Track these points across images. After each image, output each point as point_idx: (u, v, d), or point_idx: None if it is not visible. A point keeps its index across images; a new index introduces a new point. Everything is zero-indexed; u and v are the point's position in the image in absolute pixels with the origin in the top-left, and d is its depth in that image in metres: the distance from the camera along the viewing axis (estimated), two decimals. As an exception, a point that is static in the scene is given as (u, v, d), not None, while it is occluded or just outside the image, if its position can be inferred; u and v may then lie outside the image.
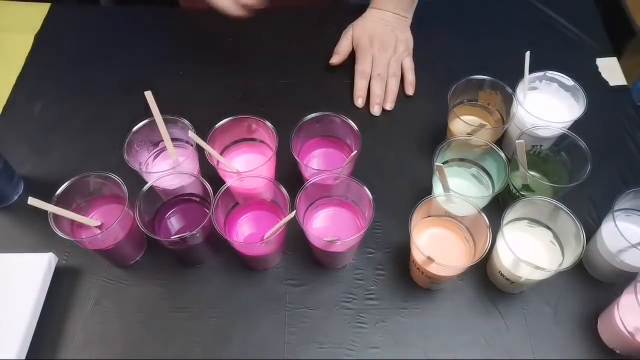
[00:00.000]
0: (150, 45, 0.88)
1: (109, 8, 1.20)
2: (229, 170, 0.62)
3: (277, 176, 0.66)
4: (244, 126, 0.66)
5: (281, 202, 0.60)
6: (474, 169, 0.67)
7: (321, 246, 0.60)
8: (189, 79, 0.83)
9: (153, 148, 0.68)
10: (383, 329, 0.61)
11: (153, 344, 0.60)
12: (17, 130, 0.77)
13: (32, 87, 0.82)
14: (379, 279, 0.64)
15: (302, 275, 0.65)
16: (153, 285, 0.64)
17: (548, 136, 0.66)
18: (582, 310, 0.62)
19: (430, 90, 0.80)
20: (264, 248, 0.61)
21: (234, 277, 0.65)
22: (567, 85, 0.69)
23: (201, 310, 0.62)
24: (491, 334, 0.60)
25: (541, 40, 0.86)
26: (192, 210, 0.64)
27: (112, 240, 0.60)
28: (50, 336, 0.60)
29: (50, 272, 0.63)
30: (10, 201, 0.70)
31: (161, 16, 0.94)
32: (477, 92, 0.71)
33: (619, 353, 0.58)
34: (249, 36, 0.87)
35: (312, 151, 0.69)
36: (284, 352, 0.60)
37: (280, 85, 0.82)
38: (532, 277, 0.57)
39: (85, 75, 0.84)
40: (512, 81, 0.68)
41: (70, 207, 0.60)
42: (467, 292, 0.63)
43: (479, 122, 0.71)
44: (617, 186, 0.71)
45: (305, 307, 0.62)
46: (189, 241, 0.59)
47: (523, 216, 0.61)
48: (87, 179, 0.60)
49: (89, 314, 0.62)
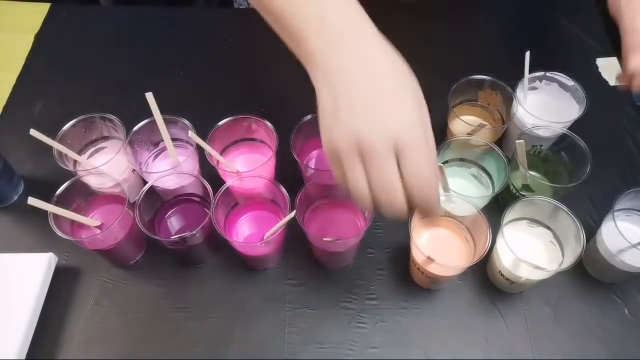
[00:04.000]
0: (150, 45, 0.88)
1: (109, 8, 1.20)
2: (229, 170, 0.62)
3: (277, 176, 0.66)
4: (244, 126, 0.66)
5: (281, 202, 0.60)
6: (474, 169, 0.67)
7: (321, 246, 0.60)
8: (189, 79, 0.83)
9: (153, 148, 0.68)
10: (383, 329, 0.61)
11: (153, 344, 0.60)
12: (17, 130, 0.76)
13: (32, 87, 0.82)
14: (379, 279, 0.64)
15: (302, 275, 0.65)
16: (153, 285, 0.64)
17: (548, 136, 0.66)
18: (582, 310, 0.62)
19: (430, 90, 0.80)
20: (264, 248, 0.61)
21: (234, 277, 0.65)
22: (567, 85, 0.69)
23: (201, 310, 0.62)
24: (491, 334, 0.60)
25: (541, 40, 0.86)
26: (192, 210, 0.64)
27: (112, 240, 0.60)
28: (50, 336, 0.60)
29: (50, 272, 0.63)
30: (10, 201, 0.70)
31: (161, 16, 0.94)
32: (477, 92, 0.71)
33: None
34: (249, 36, 0.87)
35: (312, 151, 0.68)
36: (284, 352, 0.60)
37: (280, 85, 0.82)
38: (532, 277, 0.57)
39: (85, 75, 0.84)
40: (512, 81, 0.68)
41: (70, 207, 0.60)
42: (467, 292, 0.63)
43: (479, 122, 0.71)
44: (617, 186, 0.71)
45: (305, 307, 0.62)
46: (189, 241, 0.59)
47: (523, 216, 0.61)
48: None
49: (89, 314, 0.62)
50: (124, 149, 0.62)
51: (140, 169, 0.64)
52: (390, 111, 0.41)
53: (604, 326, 0.61)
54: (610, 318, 0.61)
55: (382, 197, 0.42)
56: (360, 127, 0.41)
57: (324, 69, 0.44)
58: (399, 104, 0.42)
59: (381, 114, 0.41)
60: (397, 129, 0.40)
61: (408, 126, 0.41)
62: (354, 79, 0.42)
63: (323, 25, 0.44)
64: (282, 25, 0.47)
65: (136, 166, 0.63)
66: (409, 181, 0.41)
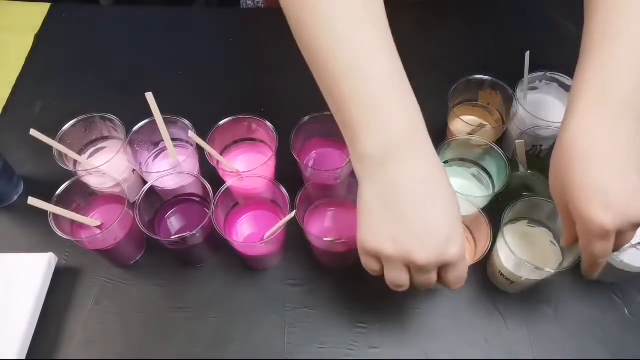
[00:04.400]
0: (150, 45, 0.88)
1: (109, 8, 1.20)
2: (229, 170, 0.62)
3: (277, 176, 0.66)
4: (244, 126, 0.66)
5: (281, 202, 0.60)
6: (474, 169, 0.67)
7: (321, 246, 0.60)
8: (189, 79, 0.83)
9: (153, 148, 0.68)
10: (383, 329, 0.61)
11: (153, 344, 0.60)
12: (17, 130, 0.76)
13: (32, 87, 0.82)
14: (379, 279, 0.64)
15: (302, 275, 0.65)
16: (153, 285, 0.64)
17: (548, 136, 0.66)
18: (582, 310, 0.62)
19: (430, 90, 0.80)
20: (264, 248, 0.61)
21: (234, 277, 0.65)
22: (567, 85, 0.69)
23: (201, 310, 0.62)
24: (491, 334, 0.60)
25: (541, 40, 0.86)
26: (192, 210, 0.64)
27: (112, 240, 0.60)
28: (50, 336, 0.60)
29: (50, 272, 0.63)
30: (10, 201, 0.70)
31: (161, 16, 0.94)
32: (477, 92, 0.71)
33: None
34: (249, 36, 0.87)
35: (312, 151, 0.69)
36: (284, 352, 0.60)
37: (280, 85, 0.82)
38: (532, 277, 0.57)
39: (85, 75, 0.84)
40: (512, 81, 0.68)
41: (70, 207, 0.60)
42: (467, 292, 0.63)
43: (479, 122, 0.71)
44: (617, 186, 0.70)
45: (305, 307, 0.62)
46: (189, 241, 0.59)
47: (523, 216, 0.61)
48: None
49: (89, 314, 0.62)
50: (124, 149, 0.62)
51: (140, 169, 0.64)
52: (444, 239, 0.44)
53: (604, 326, 0.61)
54: (610, 318, 0.61)
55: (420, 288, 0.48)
56: (415, 249, 0.44)
57: (375, 169, 0.45)
58: (451, 232, 0.44)
59: (437, 241, 0.44)
60: (448, 256, 0.44)
61: (456, 252, 0.44)
62: (410, 198, 0.44)
63: (382, 124, 0.44)
64: (338, 109, 0.47)
65: (136, 166, 0.63)
66: (449, 283, 0.47)
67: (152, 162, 0.68)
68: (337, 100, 0.46)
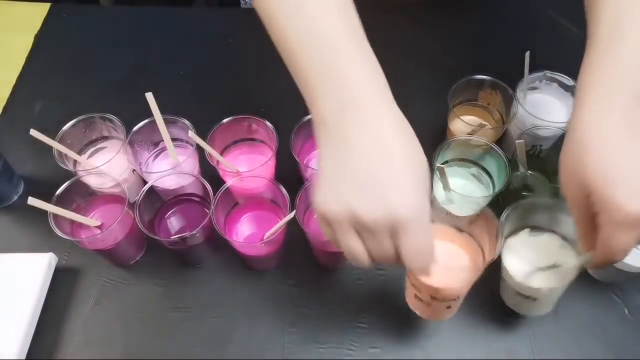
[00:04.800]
0: (150, 45, 0.88)
1: (109, 8, 1.20)
2: (229, 170, 0.62)
3: (277, 176, 0.66)
4: (244, 126, 0.66)
5: (281, 202, 0.60)
6: (474, 169, 0.67)
7: (321, 246, 0.60)
8: (189, 79, 0.83)
9: (153, 148, 0.68)
10: (383, 329, 0.61)
11: (153, 344, 0.60)
12: (17, 130, 0.76)
13: (32, 87, 0.82)
14: (379, 279, 0.64)
15: (302, 275, 0.65)
16: (153, 285, 0.64)
17: (548, 136, 0.66)
18: (582, 310, 0.62)
19: (430, 90, 0.80)
20: (264, 248, 0.61)
21: (234, 277, 0.65)
22: (567, 85, 0.69)
23: (201, 310, 0.62)
24: (491, 334, 0.60)
25: (541, 40, 0.86)
26: (192, 210, 0.65)
27: (112, 240, 0.60)
28: (50, 336, 0.60)
29: (50, 272, 0.63)
30: (10, 201, 0.70)
31: (161, 16, 0.94)
32: (477, 92, 0.71)
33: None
34: (249, 36, 0.87)
35: (312, 151, 0.68)
36: (284, 352, 0.60)
37: (280, 85, 0.81)
38: (554, 284, 0.53)
39: (85, 75, 0.84)
40: (512, 81, 0.68)
41: (70, 207, 0.60)
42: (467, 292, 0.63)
43: (479, 122, 0.71)
44: (617, 186, 0.70)
45: (305, 307, 0.62)
46: (189, 241, 0.59)
47: (523, 225, 0.58)
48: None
49: (89, 314, 0.62)
50: (124, 149, 0.62)
51: (140, 169, 0.64)
52: (391, 193, 0.40)
53: (604, 326, 0.61)
54: (610, 318, 0.61)
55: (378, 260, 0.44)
56: (359, 203, 0.40)
57: (331, 133, 0.43)
58: (401, 186, 0.41)
59: (382, 194, 0.40)
60: (396, 212, 0.40)
61: (407, 211, 0.40)
62: (360, 153, 0.42)
63: (337, 88, 0.43)
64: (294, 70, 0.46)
65: (136, 166, 0.63)
66: (405, 255, 0.42)
67: (152, 162, 0.68)
68: (298, 73, 0.46)
